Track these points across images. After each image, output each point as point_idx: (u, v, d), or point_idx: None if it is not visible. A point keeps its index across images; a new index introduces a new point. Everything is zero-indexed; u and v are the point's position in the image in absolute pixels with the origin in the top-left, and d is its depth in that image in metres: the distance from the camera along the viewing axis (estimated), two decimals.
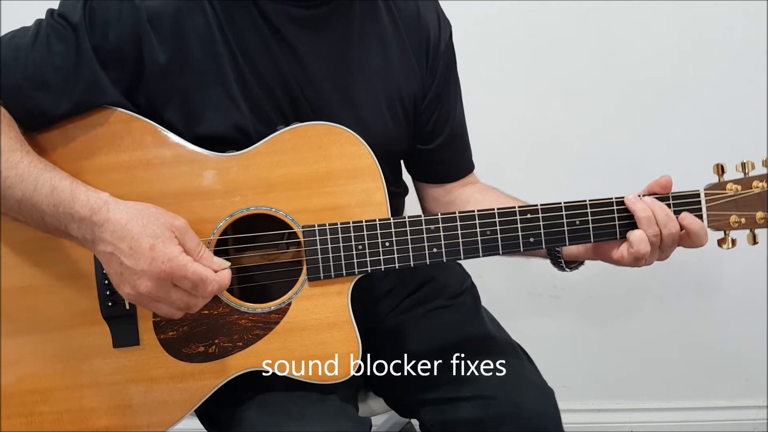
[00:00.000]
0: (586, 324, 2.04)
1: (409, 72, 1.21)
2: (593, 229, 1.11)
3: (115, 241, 0.96)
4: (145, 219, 0.97)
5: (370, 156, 1.09)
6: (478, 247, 1.10)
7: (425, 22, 1.23)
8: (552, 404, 1.20)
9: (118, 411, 1.06)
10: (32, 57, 1.02)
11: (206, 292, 0.96)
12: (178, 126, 1.08)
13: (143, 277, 0.95)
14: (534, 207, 1.10)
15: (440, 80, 1.25)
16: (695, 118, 1.83)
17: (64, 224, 0.98)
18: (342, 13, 1.16)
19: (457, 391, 1.19)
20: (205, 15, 1.08)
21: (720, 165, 1.15)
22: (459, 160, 1.33)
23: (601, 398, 2.09)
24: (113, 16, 1.04)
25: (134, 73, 1.07)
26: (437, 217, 1.09)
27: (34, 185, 0.98)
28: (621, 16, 1.78)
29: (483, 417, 1.17)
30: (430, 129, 1.27)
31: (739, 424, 2.06)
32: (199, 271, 0.95)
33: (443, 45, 1.25)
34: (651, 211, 1.08)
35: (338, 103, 1.16)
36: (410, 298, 1.32)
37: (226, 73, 1.09)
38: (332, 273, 1.07)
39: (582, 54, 1.81)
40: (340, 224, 1.07)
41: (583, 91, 1.83)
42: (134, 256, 0.95)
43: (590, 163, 1.86)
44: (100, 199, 0.98)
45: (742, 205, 1.14)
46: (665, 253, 1.12)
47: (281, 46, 1.11)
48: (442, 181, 1.33)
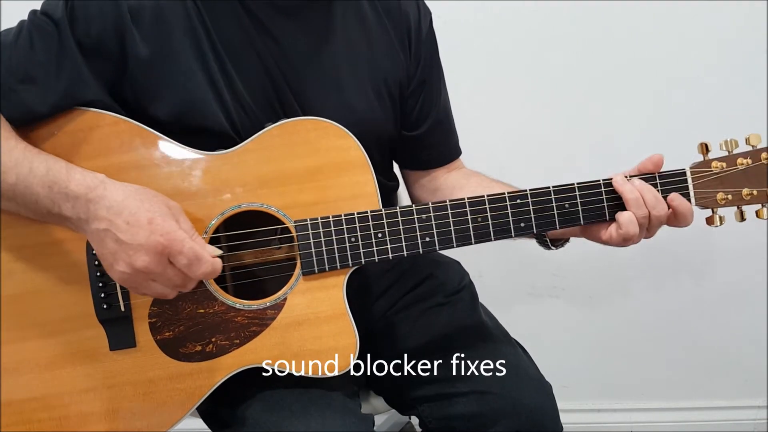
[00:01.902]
0: (586, 324, 2.03)
1: (393, 58, 1.22)
2: (582, 212, 1.11)
3: (111, 217, 0.95)
4: (142, 195, 0.97)
5: (358, 148, 1.09)
6: (470, 234, 1.10)
7: (405, 10, 1.24)
8: (549, 398, 1.20)
9: (118, 414, 1.04)
10: (15, 53, 1.02)
11: (200, 272, 0.95)
12: (164, 120, 1.08)
13: (140, 251, 0.94)
14: (523, 192, 1.11)
15: (424, 66, 1.26)
16: (696, 119, 1.80)
17: (58, 205, 0.97)
18: (324, 3, 1.17)
19: (454, 386, 1.18)
20: (186, 8, 1.09)
21: (704, 144, 1.16)
22: (445, 146, 1.33)
23: (601, 398, 2.08)
24: (94, 12, 1.04)
25: (118, 67, 1.07)
26: (428, 206, 1.09)
27: (29, 167, 0.98)
28: (622, 17, 1.78)
29: (480, 412, 1.16)
30: (416, 115, 1.27)
31: (739, 424, 2.05)
32: (195, 248, 0.95)
33: (424, 31, 1.26)
34: (639, 193, 1.08)
35: (324, 89, 1.16)
36: (408, 295, 1.31)
37: (209, 65, 1.09)
38: (326, 266, 1.07)
39: (581, 54, 1.81)
40: (332, 217, 1.07)
41: (584, 91, 1.83)
42: (131, 230, 0.94)
43: (594, 164, 1.83)
44: (97, 178, 0.98)
45: (728, 182, 1.15)
46: (651, 233, 1.12)
47: (263, 35, 1.12)
48: (429, 167, 1.33)
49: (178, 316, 1.06)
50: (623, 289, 2.00)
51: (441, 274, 1.34)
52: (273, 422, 1.07)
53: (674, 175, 1.13)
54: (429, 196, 1.33)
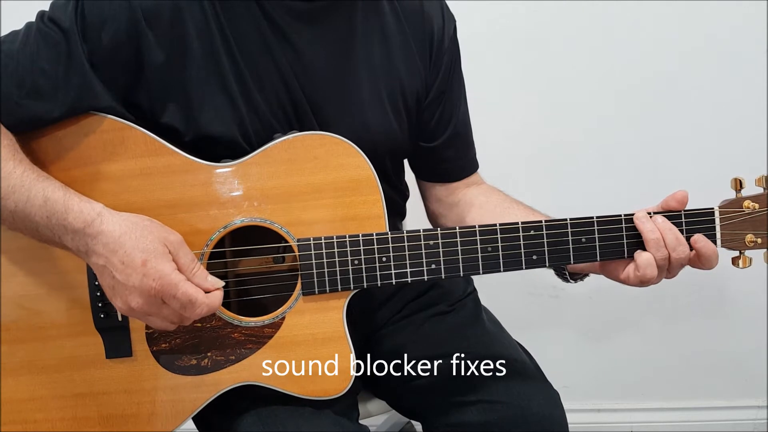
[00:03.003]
0: (586, 324, 2.02)
1: (411, 68, 1.16)
2: (600, 248, 1.06)
3: (108, 254, 0.93)
4: (138, 232, 0.94)
5: (368, 168, 1.04)
6: (479, 264, 1.05)
7: (429, 17, 1.17)
8: (558, 406, 1.18)
9: (111, 420, 1.04)
10: (21, 64, 0.98)
11: (194, 314, 0.94)
12: (177, 126, 1.05)
13: (134, 293, 0.93)
14: (538, 223, 1.05)
15: (444, 76, 1.20)
16: (698, 120, 1.80)
17: (59, 235, 0.96)
18: (344, 8, 1.11)
19: (462, 395, 1.16)
20: (204, 12, 1.04)
21: (738, 180, 1.08)
22: (463, 159, 1.28)
23: (601, 398, 2.07)
24: (106, 17, 0.99)
25: (132, 73, 1.03)
26: (437, 233, 1.04)
27: (27, 196, 0.95)
28: (622, 17, 1.75)
29: (489, 421, 1.14)
30: (434, 126, 1.22)
31: (739, 424, 2.04)
32: (189, 292, 0.93)
33: (447, 40, 1.19)
34: (660, 233, 1.03)
35: (338, 99, 1.11)
36: (412, 303, 1.29)
37: (224, 72, 1.05)
38: (327, 288, 1.04)
39: (585, 57, 1.78)
40: (336, 238, 1.03)
41: (587, 93, 1.81)
42: (126, 271, 0.93)
43: (595, 165, 1.84)
44: (94, 211, 0.95)
45: (759, 224, 1.08)
46: (672, 274, 1.06)
47: (280, 42, 1.07)
48: (446, 180, 1.28)
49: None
50: (623, 289, 1.94)
51: (446, 283, 1.31)
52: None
53: (701, 214, 1.07)
54: (446, 211, 1.29)
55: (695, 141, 1.82)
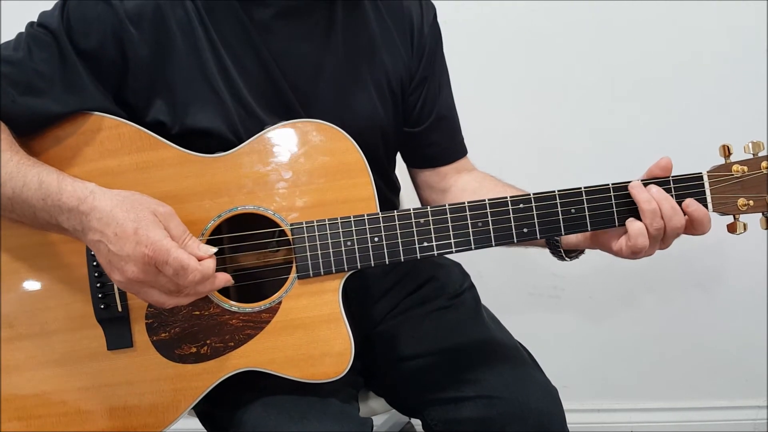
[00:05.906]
0: (587, 324, 2.00)
1: (395, 55, 1.18)
2: (590, 218, 1.05)
3: (102, 228, 0.94)
4: (129, 204, 0.95)
5: (356, 151, 1.06)
6: (470, 239, 1.05)
7: (408, 10, 1.20)
8: (556, 403, 1.15)
9: (115, 413, 1.04)
10: (16, 66, 1.01)
11: (188, 281, 0.93)
12: (165, 121, 1.07)
13: (129, 262, 0.93)
14: (527, 196, 1.05)
15: (426, 62, 1.22)
16: (698, 119, 1.80)
17: (55, 217, 0.97)
18: (323, 6, 1.14)
19: (461, 390, 1.15)
20: (186, 9, 1.07)
21: (726, 146, 1.08)
22: (450, 142, 1.29)
23: (601, 398, 2.05)
24: (91, 20, 1.03)
25: (119, 72, 1.06)
26: (427, 210, 1.05)
27: (23, 181, 0.98)
28: (622, 17, 1.76)
29: (487, 416, 1.12)
30: (419, 111, 1.24)
31: (739, 424, 2.01)
32: (181, 257, 0.92)
33: (426, 27, 1.21)
34: (656, 204, 1.02)
35: (323, 88, 1.13)
36: (409, 298, 1.28)
37: (208, 67, 1.07)
38: (321, 270, 1.04)
39: (584, 55, 1.79)
40: (328, 221, 1.04)
41: (587, 92, 1.81)
42: (119, 241, 0.93)
43: (596, 165, 1.83)
44: (86, 189, 0.97)
45: (750, 187, 1.07)
46: (666, 244, 1.05)
47: (263, 35, 1.09)
48: (435, 165, 1.28)
49: (173, 317, 1.04)
50: (623, 289, 1.97)
51: (443, 277, 1.30)
52: (270, 426, 1.04)
53: (690, 179, 1.06)
54: (438, 197, 1.29)
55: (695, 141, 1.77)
